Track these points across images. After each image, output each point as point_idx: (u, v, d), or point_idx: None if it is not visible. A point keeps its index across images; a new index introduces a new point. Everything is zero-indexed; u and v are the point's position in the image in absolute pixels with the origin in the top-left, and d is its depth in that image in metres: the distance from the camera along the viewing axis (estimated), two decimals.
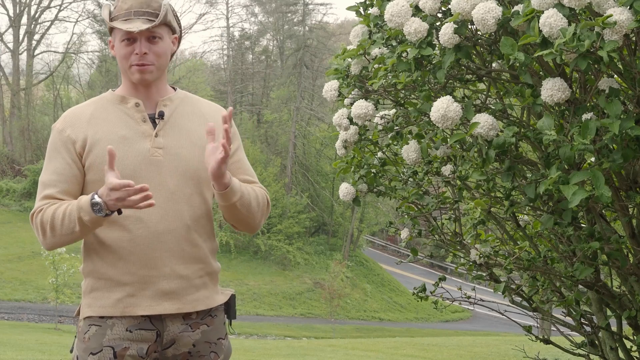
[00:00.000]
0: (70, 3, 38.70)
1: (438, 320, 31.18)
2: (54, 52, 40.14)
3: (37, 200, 2.12)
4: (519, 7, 2.14)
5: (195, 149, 2.17)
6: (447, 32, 2.28)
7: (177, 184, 2.12)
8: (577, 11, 2.04)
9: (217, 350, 2.21)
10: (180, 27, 2.25)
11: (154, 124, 2.16)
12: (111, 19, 2.12)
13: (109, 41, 2.21)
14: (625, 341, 3.25)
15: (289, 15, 40.67)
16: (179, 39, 2.25)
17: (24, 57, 37.32)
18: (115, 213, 2.00)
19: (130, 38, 2.10)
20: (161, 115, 2.17)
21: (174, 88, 2.28)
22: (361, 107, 2.76)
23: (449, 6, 2.33)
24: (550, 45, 1.99)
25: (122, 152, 2.08)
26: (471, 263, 3.30)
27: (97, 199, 1.97)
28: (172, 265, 2.10)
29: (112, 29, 2.15)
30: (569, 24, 1.95)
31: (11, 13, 37.17)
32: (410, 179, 3.24)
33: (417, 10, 2.43)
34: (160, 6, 2.13)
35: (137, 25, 2.07)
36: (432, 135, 2.90)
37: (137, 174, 2.08)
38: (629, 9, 1.90)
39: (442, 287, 3.61)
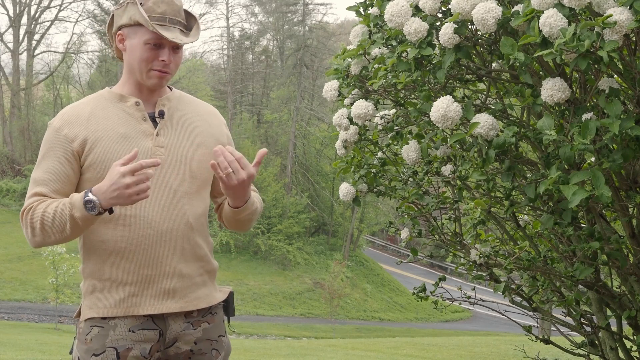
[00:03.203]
0: (70, 3, 38.75)
1: (438, 320, 31.18)
2: (54, 52, 40.21)
3: (27, 198, 2.05)
4: (519, 7, 2.14)
5: (196, 147, 2.17)
6: (447, 32, 2.27)
7: (179, 183, 2.12)
8: (577, 11, 2.04)
9: (218, 347, 2.22)
10: None
11: (154, 123, 2.15)
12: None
13: (118, 34, 2.12)
14: (625, 341, 3.25)
15: (289, 15, 40.68)
16: None
17: (24, 57, 37.33)
18: (107, 213, 1.95)
19: (159, 44, 2.07)
20: (161, 114, 2.15)
21: (169, 87, 2.27)
22: (361, 107, 2.76)
23: (449, 6, 2.32)
24: (550, 45, 1.99)
25: (123, 151, 2.05)
26: (471, 263, 3.30)
27: (90, 196, 1.91)
28: (174, 264, 2.10)
29: (130, 25, 2.07)
30: (569, 24, 1.95)
31: (11, 13, 37.23)
32: (410, 179, 3.24)
33: (417, 10, 2.43)
34: (183, 13, 2.12)
35: (178, 37, 2.06)
36: (432, 135, 2.90)
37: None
38: (629, 9, 1.90)
39: (442, 287, 3.60)
